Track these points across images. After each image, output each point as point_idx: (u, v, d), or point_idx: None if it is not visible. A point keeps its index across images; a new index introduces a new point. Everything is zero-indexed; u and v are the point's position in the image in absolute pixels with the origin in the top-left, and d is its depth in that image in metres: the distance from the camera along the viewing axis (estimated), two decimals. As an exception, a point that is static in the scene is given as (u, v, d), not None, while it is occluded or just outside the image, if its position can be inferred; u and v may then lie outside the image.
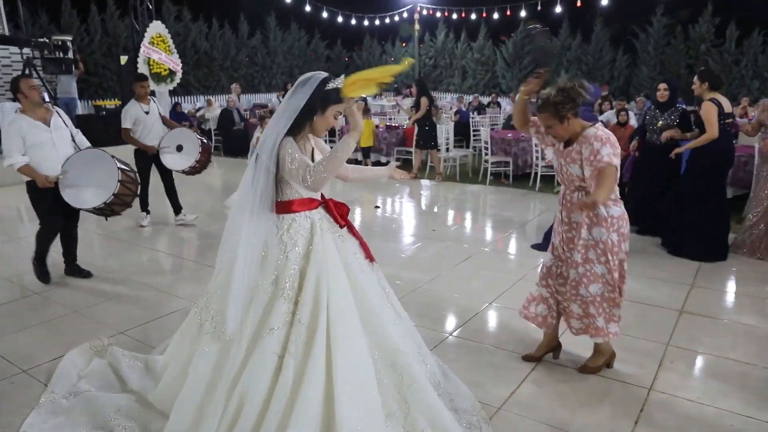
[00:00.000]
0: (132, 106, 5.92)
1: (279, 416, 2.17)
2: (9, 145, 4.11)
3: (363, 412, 2.20)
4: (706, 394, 2.92)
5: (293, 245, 2.37)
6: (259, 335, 2.28)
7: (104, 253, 5.46)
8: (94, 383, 2.89)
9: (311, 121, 2.39)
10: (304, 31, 22.99)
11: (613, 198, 2.90)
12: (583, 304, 3.01)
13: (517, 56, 21.02)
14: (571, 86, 2.82)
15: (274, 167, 2.31)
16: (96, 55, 16.44)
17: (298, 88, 2.35)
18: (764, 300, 4.19)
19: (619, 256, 2.96)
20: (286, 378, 2.21)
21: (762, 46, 16.80)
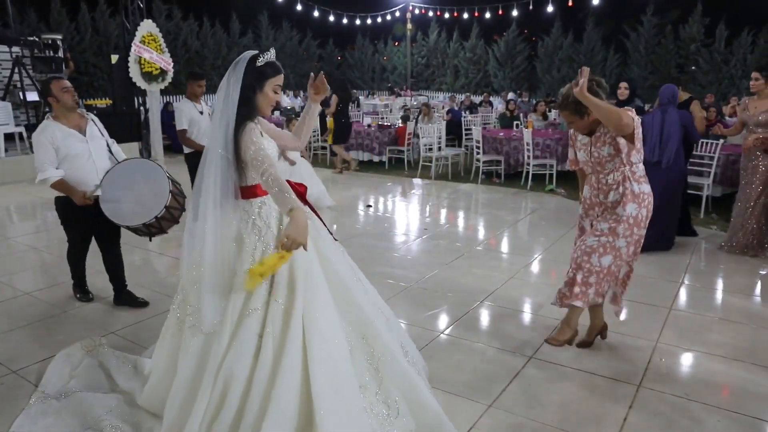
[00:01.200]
0: (185, 105, 5.46)
1: (261, 396, 2.20)
2: (41, 157, 3.61)
3: (338, 384, 2.23)
4: (693, 390, 2.95)
5: (267, 227, 2.39)
6: (243, 317, 2.29)
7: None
8: (85, 383, 2.89)
9: (255, 100, 2.35)
10: (296, 30, 22.98)
11: (643, 175, 3.15)
12: (588, 273, 3.21)
13: (509, 55, 21.08)
14: (589, 84, 2.91)
15: (233, 156, 2.28)
16: (86, 54, 16.36)
17: (231, 74, 2.31)
18: (752, 298, 4.23)
19: (641, 233, 3.16)
20: (266, 357, 2.23)
21: (751, 45, 16.96)
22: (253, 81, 2.32)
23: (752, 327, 3.71)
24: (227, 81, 2.32)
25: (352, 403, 2.26)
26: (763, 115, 4.83)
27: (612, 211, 3.17)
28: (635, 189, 3.11)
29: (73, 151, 3.66)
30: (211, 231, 2.33)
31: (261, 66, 2.33)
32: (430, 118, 10.72)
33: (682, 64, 17.88)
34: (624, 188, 3.12)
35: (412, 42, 23.61)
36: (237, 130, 2.28)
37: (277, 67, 2.40)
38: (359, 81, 24.94)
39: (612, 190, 3.16)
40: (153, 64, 10.64)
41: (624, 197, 3.11)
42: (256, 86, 2.33)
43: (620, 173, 3.13)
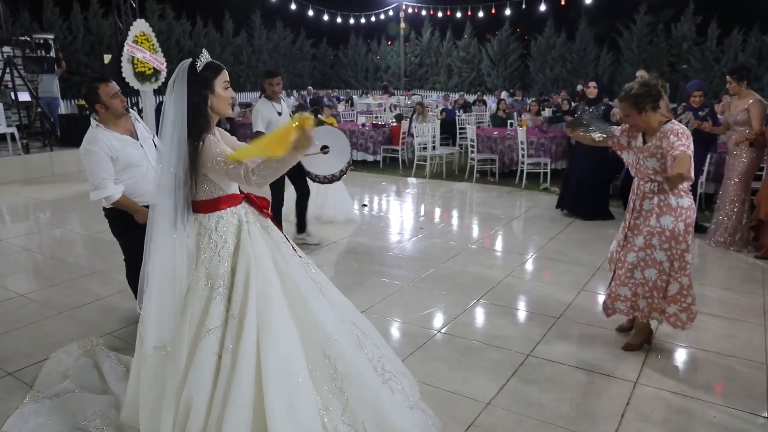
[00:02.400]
0: (263, 105, 5.11)
1: (216, 418, 2.12)
2: (98, 172, 3.17)
3: (294, 404, 2.14)
4: (689, 387, 2.97)
5: (223, 243, 2.30)
6: (199, 338, 2.21)
7: (90, 252, 5.40)
8: (79, 383, 2.89)
9: (207, 108, 2.26)
10: (290, 30, 22.91)
11: (685, 189, 3.13)
12: (634, 287, 3.23)
13: (502, 54, 21.12)
14: (654, 83, 3.02)
15: (186, 173, 2.20)
16: (79, 54, 16.25)
17: (175, 87, 2.22)
18: (742, 294, 4.26)
19: (682, 247, 3.13)
20: (224, 377, 2.16)
21: (742, 44, 17.05)
22: (201, 88, 2.23)
23: (746, 324, 3.74)
24: (171, 95, 2.22)
25: (309, 425, 2.15)
26: (741, 114, 5.02)
27: (645, 223, 3.17)
28: (672, 202, 3.11)
29: (133, 160, 3.27)
30: (161, 251, 2.26)
31: (203, 70, 2.23)
32: (425, 118, 10.73)
33: (674, 62, 17.95)
34: (659, 199, 3.12)
35: (406, 41, 23.61)
36: (192, 144, 2.19)
37: (217, 65, 2.30)
38: (353, 80, 24.92)
39: (647, 198, 3.17)
40: (146, 64, 10.59)
41: (659, 208, 3.12)
42: (205, 92, 2.25)
43: (657, 184, 3.13)
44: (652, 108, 3.06)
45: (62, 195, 7.95)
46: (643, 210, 3.21)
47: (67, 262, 5.05)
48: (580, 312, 3.92)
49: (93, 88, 3.22)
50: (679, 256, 3.14)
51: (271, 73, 5.20)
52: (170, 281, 2.27)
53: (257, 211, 2.46)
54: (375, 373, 2.41)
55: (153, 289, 2.28)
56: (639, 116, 3.08)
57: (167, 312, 2.27)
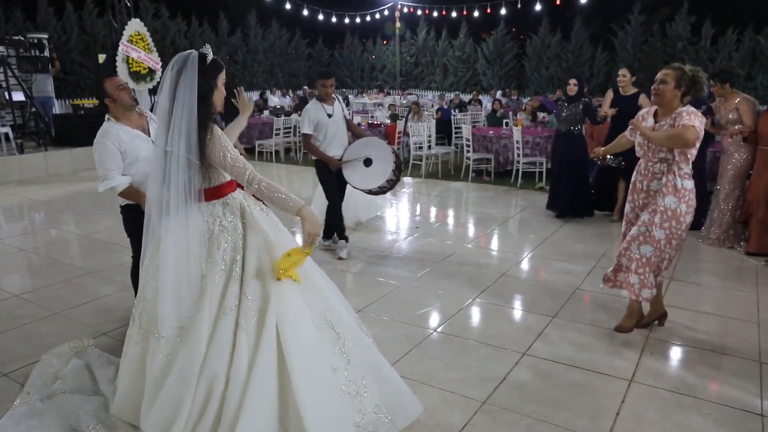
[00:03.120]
0: (313, 106, 4.97)
1: (239, 390, 2.24)
2: (106, 163, 3.24)
3: (314, 371, 2.30)
4: (684, 384, 2.99)
5: (234, 227, 2.41)
6: (219, 317, 2.32)
7: (85, 253, 5.39)
8: (70, 384, 2.87)
9: (212, 98, 2.35)
10: (285, 29, 22.89)
11: (689, 172, 3.29)
12: (630, 260, 3.40)
13: (497, 54, 21.15)
14: (703, 76, 3.25)
15: (198, 159, 2.27)
16: (73, 54, 16.20)
17: (184, 74, 2.25)
18: (735, 291, 4.28)
19: (681, 228, 3.27)
20: (241, 352, 2.27)
21: (736, 44, 17.14)
22: (209, 79, 2.31)
23: (740, 321, 3.76)
24: (178, 81, 2.25)
25: (328, 387, 2.34)
26: (732, 114, 5.17)
27: (653, 200, 3.33)
28: (678, 183, 3.25)
29: (142, 154, 3.31)
30: (173, 235, 2.32)
31: (211, 62, 2.32)
32: (420, 117, 10.73)
33: (669, 62, 17.99)
34: (667, 179, 3.27)
35: (401, 41, 23.61)
36: (202, 132, 2.26)
37: (221, 62, 2.41)
38: (348, 80, 24.92)
39: (656, 178, 3.33)
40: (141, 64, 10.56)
41: (665, 188, 3.27)
42: (212, 84, 2.33)
43: (666, 165, 3.28)
44: (684, 93, 3.25)
45: (57, 195, 7.93)
46: (651, 190, 3.36)
47: (62, 263, 5.03)
48: (575, 311, 3.93)
49: (101, 84, 3.35)
50: (677, 236, 3.29)
51: (325, 74, 5.06)
52: (185, 266, 2.32)
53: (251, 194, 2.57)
54: (364, 334, 2.67)
55: (168, 275, 2.32)
56: (672, 90, 3.22)
57: (184, 296, 2.33)
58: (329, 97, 5.00)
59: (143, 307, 2.48)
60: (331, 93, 5.00)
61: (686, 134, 3.07)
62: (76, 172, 9.53)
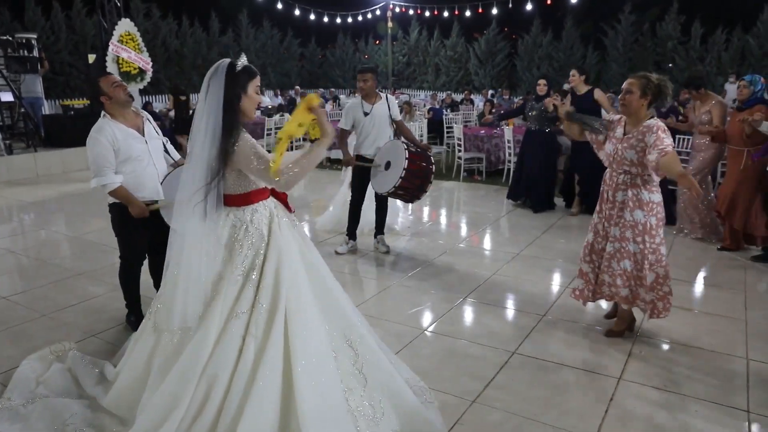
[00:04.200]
0: (352, 103, 5.04)
1: (240, 395, 2.25)
2: (99, 160, 3.22)
3: (321, 386, 2.29)
4: (672, 382, 3.01)
5: (260, 234, 2.43)
6: (228, 320, 2.34)
7: (75, 254, 5.36)
8: (53, 388, 2.82)
9: (240, 106, 2.38)
10: (277, 29, 22.85)
11: (656, 185, 3.24)
12: (612, 276, 3.36)
13: (489, 53, 21.21)
14: (669, 85, 3.19)
15: (219, 164, 2.31)
16: (62, 54, 16.10)
17: (211, 83, 2.32)
18: (722, 289, 4.31)
19: (656, 241, 3.24)
20: (247, 359, 2.28)
21: (725, 43, 17.28)
22: (238, 87, 2.35)
23: (726, 319, 3.79)
24: (208, 90, 2.33)
25: (335, 405, 2.31)
26: (704, 115, 5.43)
27: (619, 215, 3.28)
28: (644, 197, 3.21)
29: (134, 153, 3.31)
30: (192, 236, 2.36)
31: (240, 71, 2.36)
32: (412, 117, 10.74)
33: (660, 61, 18.15)
34: (632, 193, 3.22)
35: (393, 41, 23.62)
36: (227, 140, 2.30)
37: (254, 69, 2.44)
38: (340, 80, 24.91)
39: (620, 189, 3.27)
40: (131, 64, 10.52)
41: (632, 201, 3.23)
42: (240, 92, 2.36)
43: (630, 177, 3.23)
44: (650, 102, 3.20)
45: (47, 196, 7.88)
46: (616, 201, 3.31)
47: (52, 264, 5.01)
48: (565, 309, 3.95)
49: (95, 83, 3.33)
50: (654, 250, 3.26)
51: (360, 70, 5.00)
52: (197, 269, 2.36)
53: (283, 205, 2.61)
54: (384, 355, 2.64)
55: (180, 276, 2.38)
56: (638, 99, 3.17)
57: (192, 298, 2.37)
58: (367, 94, 4.94)
59: (160, 302, 2.54)
60: (367, 89, 4.91)
61: (677, 160, 3.06)
62: (66, 172, 9.46)
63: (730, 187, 5.13)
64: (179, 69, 19.15)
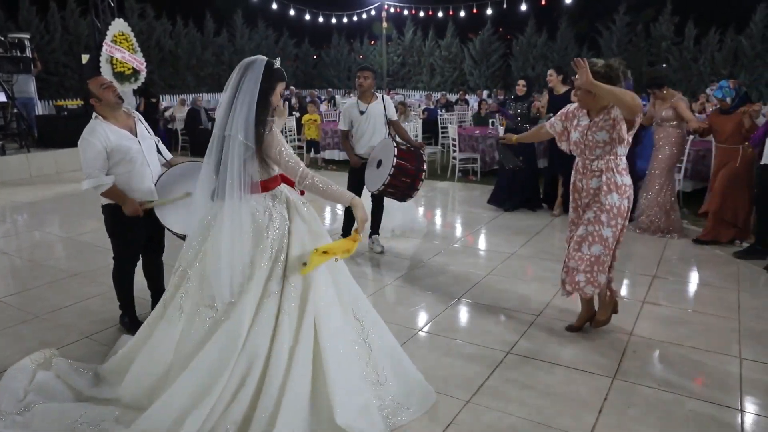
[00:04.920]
0: (349, 103, 5.09)
1: (281, 372, 2.41)
2: (91, 162, 3.21)
3: (342, 358, 2.52)
4: (666, 381, 3.03)
5: (281, 217, 2.58)
6: (262, 299, 2.49)
7: (69, 255, 5.34)
8: (46, 396, 2.76)
9: (270, 101, 2.53)
10: (272, 29, 22.83)
11: (626, 168, 3.27)
12: (580, 261, 3.34)
13: (484, 54, 21.25)
14: (616, 66, 3.11)
15: (254, 144, 2.43)
16: (56, 54, 16.05)
17: (247, 74, 2.47)
18: (714, 287, 4.33)
19: (624, 222, 3.29)
20: (284, 336, 2.44)
21: (718, 44, 17.37)
22: (272, 83, 2.52)
23: (719, 318, 3.81)
24: (243, 79, 2.46)
25: (356, 374, 2.57)
26: (666, 111, 5.64)
27: (595, 199, 3.30)
28: (618, 180, 3.24)
29: (129, 155, 3.31)
30: (229, 218, 2.47)
31: (276, 69, 2.55)
32: (406, 117, 10.76)
33: (654, 61, 18.23)
34: (607, 177, 3.24)
35: (388, 41, 23.63)
36: (260, 128, 2.44)
37: (284, 74, 2.62)
38: (335, 80, 24.90)
39: (595, 176, 3.29)
40: (125, 64, 10.48)
41: (607, 186, 3.24)
42: (273, 85, 2.53)
43: (605, 162, 3.25)
44: None
45: (40, 197, 7.84)
46: (591, 188, 3.31)
47: (45, 265, 4.99)
48: (559, 309, 3.96)
49: (85, 85, 3.36)
50: (620, 232, 3.31)
51: (360, 67, 5.05)
52: (239, 247, 2.48)
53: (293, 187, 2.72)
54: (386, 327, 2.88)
55: (224, 254, 2.46)
56: (589, 93, 3.13)
57: (237, 274, 2.48)
58: (364, 93, 4.99)
59: (187, 288, 2.59)
60: (365, 85, 4.95)
61: (626, 94, 3.00)
62: (59, 173, 9.43)
63: (728, 184, 5.30)
64: (173, 69, 19.10)
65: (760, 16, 16.62)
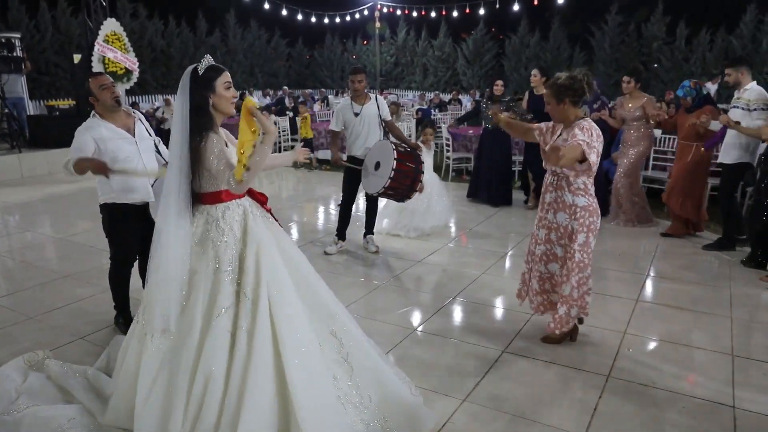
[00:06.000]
0: (342, 104, 5.07)
1: (237, 390, 2.30)
2: (74, 149, 3.23)
3: (311, 375, 2.38)
4: (659, 378, 3.05)
5: (230, 230, 2.49)
6: (212, 317, 2.38)
7: (61, 256, 5.31)
8: (37, 397, 2.74)
9: (209, 107, 2.45)
10: (265, 29, 22.76)
11: (582, 188, 3.13)
12: (541, 280, 3.33)
13: (477, 54, 21.28)
14: (580, 78, 3.05)
15: (188, 166, 2.39)
16: (47, 53, 15.93)
17: (180, 89, 2.43)
18: (705, 285, 4.37)
19: (573, 246, 3.17)
20: (241, 352, 2.34)
21: (709, 44, 17.49)
22: (203, 90, 2.42)
23: (711, 316, 3.84)
24: (178, 97, 2.43)
25: (326, 392, 2.42)
26: (636, 111, 5.85)
27: (545, 216, 3.28)
28: (567, 199, 3.16)
29: (123, 154, 3.29)
30: (173, 237, 2.41)
31: (203, 73, 2.43)
32: (399, 117, 10.76)
33: (646, 61, 18.32)
34: (557, 195, 3.19)
35: (381, 41, 23.62)
36: (194, 139, 2.38)
37: (219, 67, 2.50)
38: (328, 80, 24.87)
39: (548, 192, 3.26)
40: (118, 64, 10.43)
41: (556, 203, 3.21)
42: (207, 93, 2.43)
43: (557, 178, 3.20)
44: (572, 102, 3.08)
45: (32, 197, 7.79)
46: (545, 203, 3.29)
47: (37, 266, 4.95)
48: (554, 308, 3.97)
49: (86, 82, 3.35)
50: (571, 256, 3.17)
51: (353, 70, 5.02)
52: (174, 268, 2.41)
53: (258, 203, 2.66)
54: (371, 346, 2.74)
55: (159, 274, 2.41)
56: (557, 106, 3.12)
57: (172, 295, 2.41)
58: (358, 94, 5.00)
59: (144, 304, 2.55)
60: (360, 89, 4.96)
61: (573, 150, 2.88)
62: (51, 173, 9.35)
63: (680, 178, 5.56)
64: (166, 69, 19.02)
65: (750, 16, 16.76)
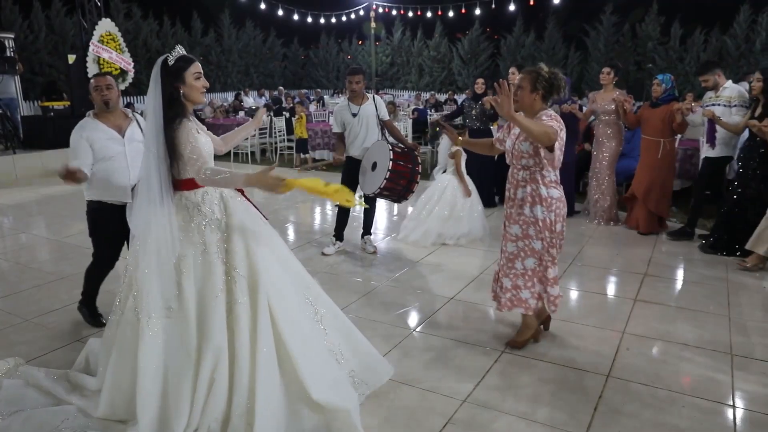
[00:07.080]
0: (340, 106, 5.07)
1: (247, 361, 2.42)
2: (71, 154, 3.38)
3: (304, 341, 2.58)
4: (659, 378, 3.04)
5: (212, 214, 2.57)
6: (209, 298, 2.47)
7: (57, 258, 5.27)
8: (18, 404, 2.70)
9: (180, 97, 2.52)
10: (260, 29, 22.71)
11: (554, 180, 3.19)
12: (515, 277, 3.30)
13: (472, 53, 21.30)
14: (561, 77, 3.12)
15: (164, 153, 2.44)
16: (41, 54, 15.84)
17: (152, 81, 2.49)
18: (702, 284, 4.37)
19: (554, 235, 3.21)
20: (243, 326, 2.45)
21: (703, 44, 17.56)
22: (174, 80, 2.49)
23: (709, 315, 3.84)
24: (150, 89, 2.50)
25: (320, 351, 2.66)
26: (609, 105, 5.89)
27: (519, 211, 3.23)
28: (542, 192, 3.15)
29: (109, 154, 3.41)
30: (154, 224, 2.48)
31: (174, 64, 2.49)
32: (395, 117, 10.75)
33: (640, 61, 18.39)
34: (531, 189, 3.17)
35: (377, 41, 23.61)
36: (170, 128, 2.45)
37: (189, 57, 2.57)
38: (324, 80, 24.83)
39: (520, 186, 3.22)
40: (112, 64, 10.39)
41: (531, 197, 3.18)
42: (178, 83, 2.50)
43: (530, 173, 3.18)
44: (543, 96, 3.12)
45: (27, 199, 7.74)
46: (516, 199, 3.25)
47: (32, 268, 4.92)
48: (552, 308, 3.97)
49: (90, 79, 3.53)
50: (554, 244, 3.24)
51: (351, 71, 4.99)
52: (165, 251, 2.47)
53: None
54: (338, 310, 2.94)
55: (152, 259, 2.48)
56: (530, 94, 3.12)
57: (166, 278, 2.48)
58: (356, 95, 4.97)
59: (135, 290, 2.57)
60: (357, 90, 4.94)
61: (541, 126, 2.93)
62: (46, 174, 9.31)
63: (646, 174, 5.60)
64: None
65: (744, 16, 16.84)
